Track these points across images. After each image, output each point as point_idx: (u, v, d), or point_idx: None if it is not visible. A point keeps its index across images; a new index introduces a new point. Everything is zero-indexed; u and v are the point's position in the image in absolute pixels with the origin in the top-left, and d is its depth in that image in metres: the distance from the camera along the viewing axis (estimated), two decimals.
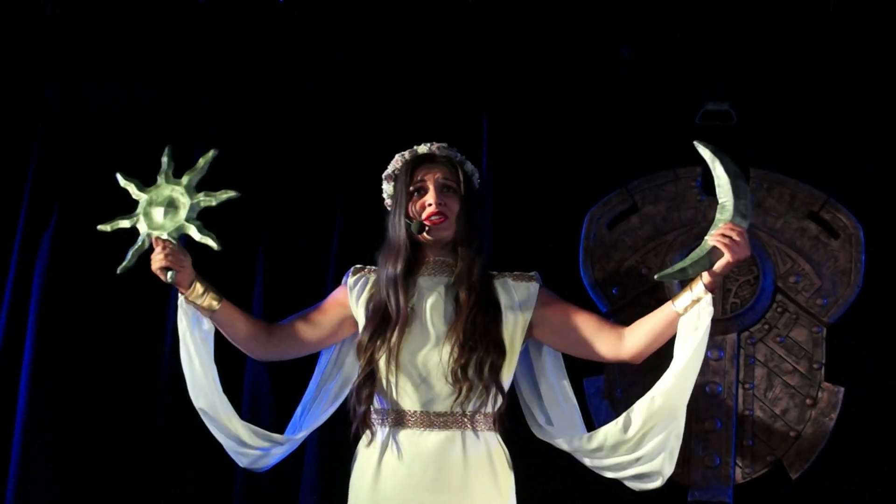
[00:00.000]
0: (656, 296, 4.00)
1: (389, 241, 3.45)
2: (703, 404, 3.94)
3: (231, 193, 3.38)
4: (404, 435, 3.33)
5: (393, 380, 3.34)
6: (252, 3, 4.20)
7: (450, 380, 3.30)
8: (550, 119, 4.16)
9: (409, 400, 3.34)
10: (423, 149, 3.50)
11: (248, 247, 4.29)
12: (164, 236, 3.40)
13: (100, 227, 3.54)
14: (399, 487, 3.29)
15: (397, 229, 3.42)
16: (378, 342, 3.36)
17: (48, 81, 4.39)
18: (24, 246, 4.40)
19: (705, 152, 3.31)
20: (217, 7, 4.18)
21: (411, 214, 3.41)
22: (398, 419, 3.34)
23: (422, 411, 3.33)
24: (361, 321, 3.46)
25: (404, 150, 3.55)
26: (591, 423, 4.01)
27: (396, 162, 3.51)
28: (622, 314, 4.03)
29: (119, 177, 3.50)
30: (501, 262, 3.75)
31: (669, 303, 3.35)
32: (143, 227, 3.45)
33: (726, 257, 3.22)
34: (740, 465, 3.94)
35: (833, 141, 4.03)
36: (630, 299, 4.03)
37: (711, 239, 3.24)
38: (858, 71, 4.01)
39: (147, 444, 4.21)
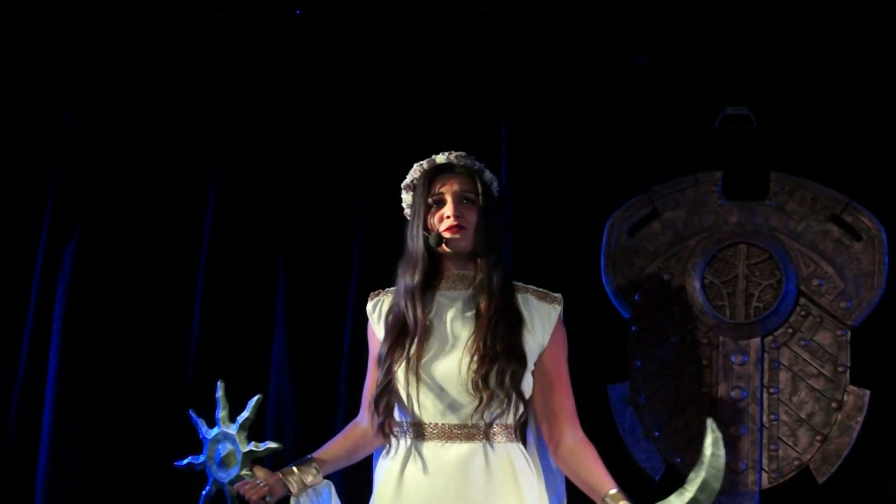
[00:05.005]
0: (679, 301, 4.00)
1: (408, 253, 3.40)
2: (727, 409, 3.93)
3: (275, 446, 3.43)
4: (426, 447, 3.30)
5: (413, 392, 3.30)
6: (268, 14, 4.20)
7: (470, 390, 3.26)
8: (569, 126, 4.15)
9: (428, 412, 3.30)
10: (440, 158, 3.44)
11: (269, 260, 4.30)
12: (236, 474, 3.44)
13: (176, 463, 3.57)
14: (422, 499, 3.28)
15: (415, 241, 3.37)
16: (396, 354, 3.32)
17: (67, 101, 4.41)
18: (47, 262, 4.43)
19: (710, 434, 3.22)
20: (233, 21, 4.19)
21: (430, 226, 3.37)
22: (419, 431, 3.31)
23: (442, 423, 3.30)
24: (381, 337, 3.42)
25: (422, 160, 3.51)
26: (616, 430, 4.02)
27: (415, 172, 3.46)
28: (644, 320, 4.03)
29: (191, 413, 3.54)
30: (523, 270, 3.73)
31: (607, 491, 3.26)
32: (213, 474, 3.49)
33: None
34: (766, 470, 3.92)
35: (854, 143, 4.00)
36: (652, 305, 4.02)
37: None
38: (878, 72, 3.99)
39: (171, 455, 4.21)
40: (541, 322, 3.37)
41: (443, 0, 4.02)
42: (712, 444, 3.21)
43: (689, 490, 3.20)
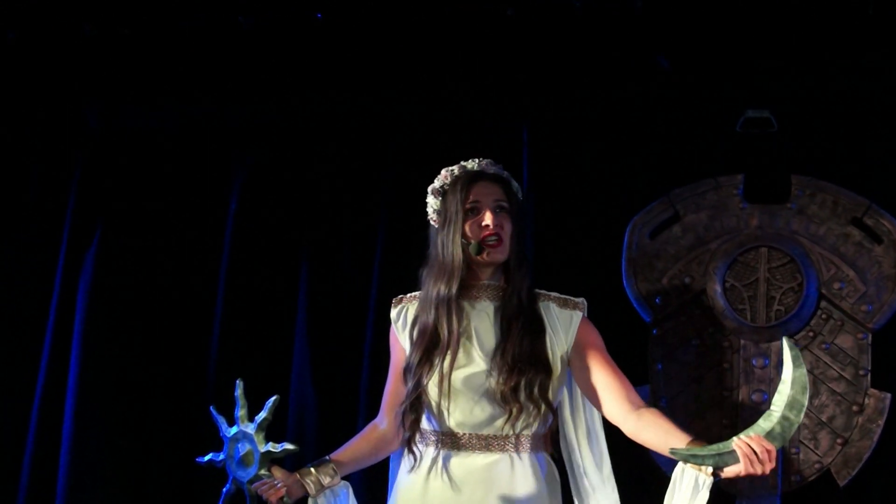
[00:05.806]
0: (700, 305, 4.00)
1: (441, 260, 3.33)
2: (749, 412, 3.93)
3: (292, 447, 3.43)
4: (454, 457, 3.29)
5: (444, 404, 3.29)
6: (291, 18, 4.21)
7: (500, 402, 3.26)
8: (590, 129, 4.15)
9: (460, 423, 3.29)
10: (472, 165, 3.38)
11: (291, 262, 4.31)
12: (254, 473, 3.45)
13: (197, 459, 3.58)
14: None
15: (450, 248, 3.30)
16: (426, 366, 3.30)
17: (88, 102, 4.43)
18: (68, 263, 4.45)
19: (788, 352, 3.14)
20: (256, 24, 4.20)
21: (467, 234, 3.31)
22: (447, 441, 3.30)
23: (471, 434, 3.30)
24: (407, 347, 3.39)
25: (446, 163, 3.44)
26: None
27: (445, 177, 3.39)
28: (665, 323, 4.03)
29: (212, 410, 3.55)
30: (544, 274, 3.73)
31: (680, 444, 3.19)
32: (233, 472, 3.50)
33: (739, 467, 3.06)
34: (787, 473, 3.92)
35: (875, 146, 4.01)
36: (674, 309, 4.03)
37: (738, 442, 3.08)
38: None
39: (191, 455, 4.24)
40: (563, 329, 3.36)
41: (465, 3, 4.02)
42: (793, 360, 3.13)
43: (776, 410, 3.11)
